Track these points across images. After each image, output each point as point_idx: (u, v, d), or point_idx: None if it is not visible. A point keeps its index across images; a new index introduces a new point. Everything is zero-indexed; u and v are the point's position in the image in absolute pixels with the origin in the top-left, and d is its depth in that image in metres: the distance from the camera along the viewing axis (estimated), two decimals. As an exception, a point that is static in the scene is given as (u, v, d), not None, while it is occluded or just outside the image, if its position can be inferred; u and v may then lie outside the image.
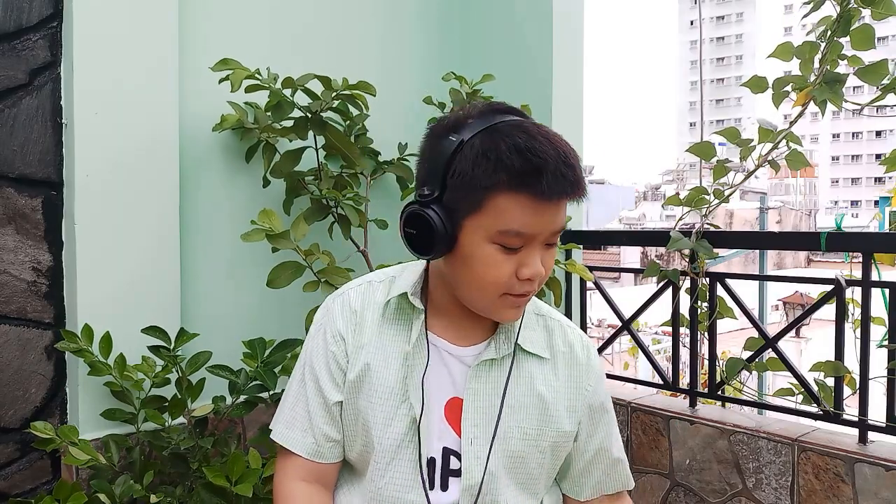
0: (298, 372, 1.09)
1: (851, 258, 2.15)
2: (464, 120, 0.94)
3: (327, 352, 1.04)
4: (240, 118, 1.94)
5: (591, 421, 1.09)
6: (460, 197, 0.91)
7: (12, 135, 1.72)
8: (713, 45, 77.46)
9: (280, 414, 1.09)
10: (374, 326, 1.04)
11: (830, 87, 1.78)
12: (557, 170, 0.88)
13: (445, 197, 0.92)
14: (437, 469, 1.01)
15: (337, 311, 1.06)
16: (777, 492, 1.82)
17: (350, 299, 1.07)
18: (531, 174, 0.87)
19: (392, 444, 1.00)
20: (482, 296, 0.95)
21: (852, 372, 1.78)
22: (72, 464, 1.61)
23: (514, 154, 0.88)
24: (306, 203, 2.02)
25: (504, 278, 0.93)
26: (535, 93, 2.33)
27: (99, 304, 1.77)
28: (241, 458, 1.60)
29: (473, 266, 0.93)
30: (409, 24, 2.50)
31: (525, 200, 0.88)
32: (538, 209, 0.89)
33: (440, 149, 0.93)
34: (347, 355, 1.03)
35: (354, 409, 1.03)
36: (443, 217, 0.92)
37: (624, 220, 29.58)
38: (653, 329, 7.92)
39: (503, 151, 0.88)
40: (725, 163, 1.96)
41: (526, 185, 0.88)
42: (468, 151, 0.90)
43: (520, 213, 0.89)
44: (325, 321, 1.07)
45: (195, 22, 1.96)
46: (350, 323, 1.04)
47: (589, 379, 1.08)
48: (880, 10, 1.69)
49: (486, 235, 0.91)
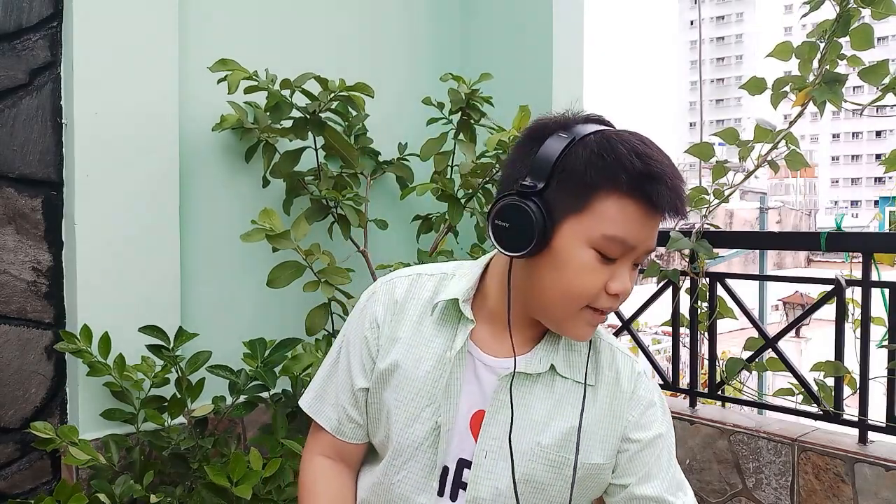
0: (336, 346, 1.08)
1: (851, 258, 2.15)
2: (570, 122, 0.92)
3: (362, 336, 1.02)
4: (239, 118, 1.94)
5: (633, 453, 0.99)
6: (565, 194, 0.87)
7: (12, 135, 1.72)
8: (713, 45, 77.48)
9: (313, 383, 1.09)
10: (413, 321, 1.01)
11: (830, 88, 1.78)
12: (673, 182, 0.85)
13: (548, 193, 0.87)
14: (448, 478, 0.99)
15: (380, 297, 1.03)
16: (777, 492, 1.82)
17: (395, 288, 1.03)
18: (650, 181, 0.84)
19: (411, 444, 0.98)
20: (565, 305, 0.90)
21: (852, 372, 1.79)
22: (72, 464, 1.61)
23: (635, 157, 0.84)
24: (306, 203, 2.02)
25: (594, 289, 0.88)
26: (535, 93, 2.33)
27: (99, 304, 1.77)
28: (241, 459, 1.60)
29: (565, 270, 0.88)
30: (409, 24, 2.49)
31: (636, 207, 0.85)
32: (646, 219, 0.87)
33: (548, 145, 0.89)
34: (379, 345, 1.01)
35: (379, 400, 1.01)
36: (543, 212, 0.87)
37: (624, 220, 29.50)
38: (653, 329, 7.92)
39: (623, 154, 0.85)
40: (725, 163, 1.97)
41: (642, 191, 0.84)
42: (581, 150, 0.87)
43: (627, 220, 0.86)
44: (368, 304, 1.04)
45: (195, 22, 1.96)
46: (390, 312, 1.02)
47: (632, 410, 0.99)
48: (880, 10, 1.69)
49: (586, 239, 0.87)
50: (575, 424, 0.96)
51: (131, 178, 1.81)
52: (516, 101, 2.11)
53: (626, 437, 0.99)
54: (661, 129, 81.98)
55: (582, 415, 0.96)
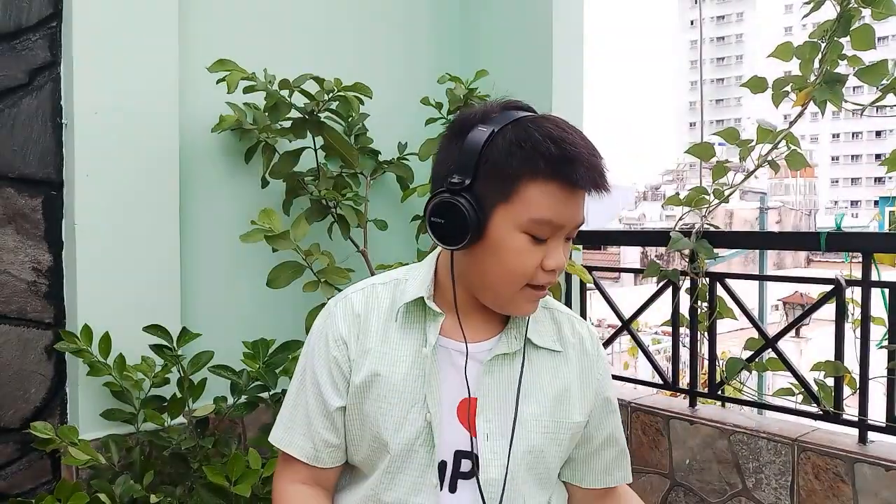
0: (298, 376, 1.07)
1: (851, 258, 2.15)
2: (489, 113, 0.97)
3: (329, 357, 1.02)
4: (238, 119, 1.94)
5: (602, 410, 1.10)
6: (492, 185, 0.92)
7: (12, 135, 1.72)
8: (713, 45, 77.48)
9: (280, 418, 1.08)
10: (378, 331, 1.02)
11: (830, 88, 1.78)
12: (589, 161, 0.91)
13: (476, 186, 0.93)
14: (447, 472, 1.00)
15: (339, 315, 1.04)
16: (777, 492, 1.82)
17: (353, 303, 1.05)
18: (566, 163, 0.89)
19: (404, 448, 0.99)
20: (506, 287, 0.96)
21: (852, 372, 1.78)
22: (72, 464, 1.62)
23: (550, 143, 0.90)
24: (306, 203, 2.02)
25: (530, 269, 0.94)
26: (535, 93, 2.33)
27: (99, 304, 1.77)
28: (241, 459, 1.60)
29: (501, 256, 0.93)
30: (409, 24, 2.49)
31: (557, 189, 0.91)
32: (569, 198, 0.92)
33: (470, 139, 0.93)
34: (350, 360, 1.01)
35: (360, 414, 1.01)
36: (474, 205, 0.92)
37: (624, 220, 29.57)
38: (653, 329, 7.93)
39: (539, 140, 0.90)
40: (725, 163, 1.96)
41: (561, 173, 0.90)
42: (500, 141, 0.92)
43: (552, 201, 0.91)
44: (327, 325, 1.04)
45: (195, 22, 1.96)
46: (353, 327, 1.03)
47: (598, 369, 1.09)
48: (880, 11, 1.69)
49: (517, 224, 0.92)
50: (559, 389, 1.04)
51: (131, 178, 1.81)
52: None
53: (598, 394, 1.09)
54: (661, 128, 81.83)
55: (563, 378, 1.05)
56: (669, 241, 2.00)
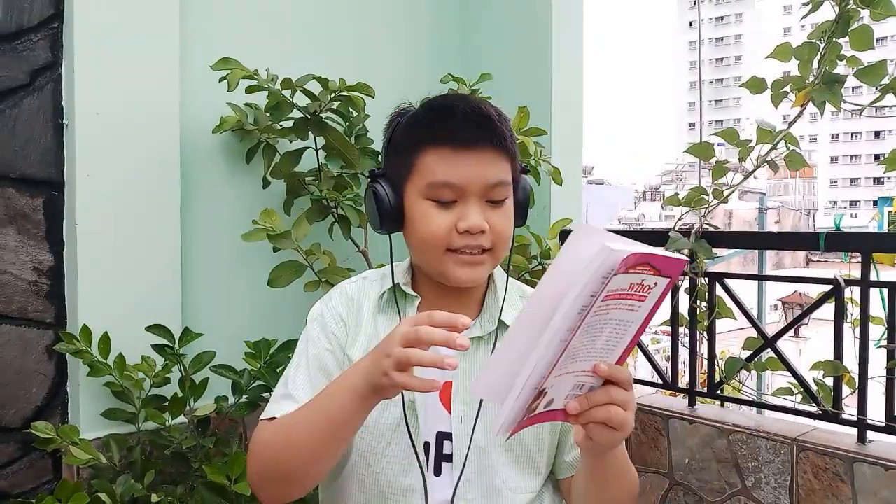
0: (296, 357, 1.07)
1: (850, 258, 2.16)
2: (409, 106, 1.07)
3: (328, 333, 1.06)
4: (239, 119, 1.94)
5: None
6: (398, 166, 1.01)
7: (13, 135, 1.73)
8: (712, 46, 77.52)
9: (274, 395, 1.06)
10: (370, 317, 1.07)
11: (829, 88, 1.78)
12: (466, 116, 0.97)
13: (389, 170, 1.03)
14: (431, 453, 1.03)
15: (337, 298, 1.10)
16: (776, 491, 1.82)
17: (348, 290, 1.11)
18: (440, 123, 0.97)
19: (388, 428, 1.01)
20: (430, 255, 1.01)
21: (851, 371, 1.79)
22: (73, 464, 1.62)
23: (427, 111, 1.01)
24: (306, 203, 2.03)
25: (442, 231, 0.98)
26: (535, 93, 2.33)
27: (100, 304, 1.77)
28: (241, 458, 1.60)
29: (415, 226, 1.00)
30: (410, 24, 2.50)
31: (442, 150, 0.97)
32: (457, 157, 0.97)
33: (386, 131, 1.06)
34: (348, 335, 1.06)
35: None
36: (387, 189, 1.01)
37: (623, 220, 29.58)
38: (652, 329, 7.92)
39: (420, 113, 1.02)
40: (724, 163, 1.97)
41: (439, 135, 0.97)
42: (401, 126, 1.03)
43: (441, 163, 0.97)
44: (327, 307, 1.09)
45: (196, 23, 1.97)
46: (350, 310, 1.08)
47: None
48: (879, 11, 1.70)
49: (420, 194, 0.99)
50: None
51: (132, 178, 1.81)
52: (516, 102, 2.11)
53: None
54: (661, 129, 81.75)
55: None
56: (668, 241, 2.01)
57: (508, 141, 1.00)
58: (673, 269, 0.75)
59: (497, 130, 0.98)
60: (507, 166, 1.01)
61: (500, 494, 1.02)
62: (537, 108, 2.22)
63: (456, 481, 1.00)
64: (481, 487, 1.02)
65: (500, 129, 0.99)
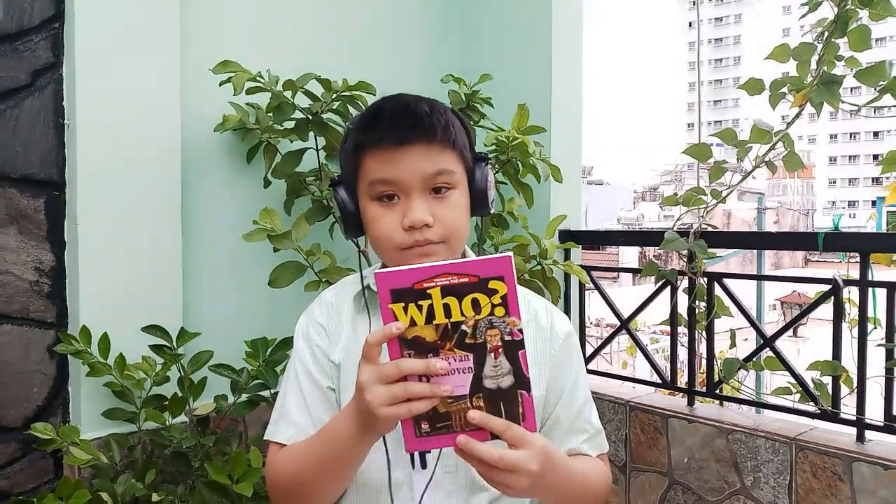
0: (290, 370, 1.10)
1: (849, 258, 2.17)
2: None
3: (312, 346, 1.08)
4: (241, 119, 1.95)
5: (570, 393, 1.10)
6: (348, 172, 1.05)
7: (15, 135, 1.73)
8: (711, 47, 77.53)
9: (274, 414, 1.09)
10: (349, 319, 1.09)
11: (827, 89, 1.79)
12: (394, 116, 1.00)
13: (344, 177, 1.07)
14: None
15: (316, 309, 1.12)
16: (775, 490, 1.83)
17: (325, 297, 1.14)
18: (369, 126, 1.00)
19: None
20: (387, 255, 1.03)
21: (850, 371, 1.80)
22: (73, 463, 1.62)
23: (362, 117, 1.04)
24: (307, 204, 2.03)
25: (391, 231, 1.00)
26: (534, 94, 2.34)
27: (101, 304, 1.78)
28: (242, 457, 1.61)
29: (369, 229, 1.03)
30: (410, 25, 2.50)
31: (375, 151, 1.00)
32: (390, 155, 0.99)
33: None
34: (329, 341, 1.08)
35: (339, 392, 1.06)
36: (344, 196, 1.04)
37: (622, 220, 29.56)
38: (651, 328, 7.93)
39: (357, 117, 1.06)
40: (722, 164, 1.97)
41: (370, 138, 1.00)
42: (348, 133, 1.06)
43: (377, 162, 0.99)
44: (307, 321, 1.12)
45: (197, 23, 1.97)
46: (331, 316, 1.10)
47: (553, 343, 1.10)
48: (878, 12, 1.70)
49: (366, 194, 1.02)
50: None
51: (133, 178, 1.82)
52: (516, 102, 2.12)
53: (558, 371, 1.09)
54: (660, 129, 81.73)
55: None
56: (666, 242, 2.01)
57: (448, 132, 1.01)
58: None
59: (426, 125, 0.99)
60: (451, 157, 1.02)
61: (481, 486, 1.02)
62: (537, 107, 2.22)
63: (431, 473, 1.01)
64: (461, 479, 1.03)
65: (432, 123, 1.00)
